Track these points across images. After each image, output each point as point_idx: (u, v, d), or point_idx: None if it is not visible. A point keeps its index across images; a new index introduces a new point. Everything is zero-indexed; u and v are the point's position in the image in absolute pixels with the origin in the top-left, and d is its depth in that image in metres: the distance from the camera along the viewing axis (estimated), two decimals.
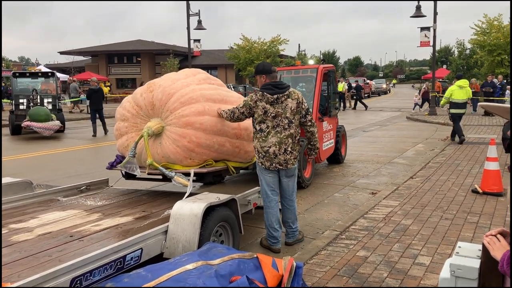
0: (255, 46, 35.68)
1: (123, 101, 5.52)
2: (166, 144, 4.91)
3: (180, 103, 4.88)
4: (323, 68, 8.36)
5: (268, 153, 4.58)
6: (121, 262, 3.07)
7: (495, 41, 26.52)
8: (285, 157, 4.60)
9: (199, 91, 5.02)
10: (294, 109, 4.60)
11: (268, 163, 4.63)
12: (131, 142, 5.05)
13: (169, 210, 3.99)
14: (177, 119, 4.84)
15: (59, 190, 5.15)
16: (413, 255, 4.33)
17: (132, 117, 5.17)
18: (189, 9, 27.04)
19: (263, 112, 4.57)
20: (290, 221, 4.89)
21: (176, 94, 4.95)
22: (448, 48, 65.51)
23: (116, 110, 5.50)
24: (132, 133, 5.16)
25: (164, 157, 4.95)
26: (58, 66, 44.68)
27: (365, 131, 15.83)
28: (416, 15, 22.78)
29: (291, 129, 4.60)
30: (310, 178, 7.65)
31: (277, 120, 4.57)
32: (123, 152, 5.32)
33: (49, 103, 16.07)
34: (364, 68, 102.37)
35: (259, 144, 4.63)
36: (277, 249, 4.71)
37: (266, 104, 4.57)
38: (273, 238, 4.73)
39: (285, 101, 4.57)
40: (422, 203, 6.14)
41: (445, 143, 12.07)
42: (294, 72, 8.84)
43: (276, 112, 4.56)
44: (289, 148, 4.61)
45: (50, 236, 3.53)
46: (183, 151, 4.86)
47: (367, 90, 43.14)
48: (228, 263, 2.94)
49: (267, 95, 4.56)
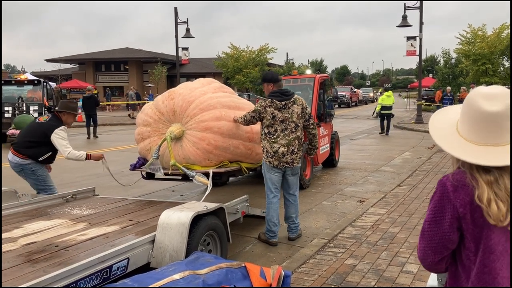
0: (243, 54, 35.76)
1: (144, 108, 6.08)
2: (187, 147, 5.47)
3: (200, 110, 5.44)
4: (319, 77, 9.02)
5: (277, 153, 4.96)
6: (107, 272, 3.03)
7: (480, 50, 26.93)
8: (292, 157, 5.01)
9: (216, 99, 5.57)
10: (299, 114, 5.04)
11: (276, 162, 4.99)
12: (154, 145, 5.58)
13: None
14: (197, 124, 5.42)
15: (44, 199, 5.08)
16: (400, 263, 4.35)
17: (154, 122, 5.71)
18: (177, 17, 27.06)
19: (271, 117, 4.98)
20: (294, 216, 5.23)
21: (195, 101, 5.51)
22: (434, 57, 66.31)
23: (138, 116, 6.05)
24: (155, 137, 5.69)
25: (184, 158, 5.49)
26: (44, 74, 44.21)
27: (352, 139, 15.92)
28: (403, 25, 23.07)
29: (297, 132, 5.04)
30: (309, 179, 8.19)
31: (285, 124, 4.98)
32: (145, 154, 5.85)
33: (35, 111, 15.88)
34: (351, 77, 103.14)
35: (269, 144, 5.00)
36: (275, 242, 5.12)
37: (274, 110, 4.98)
38: (271, 232, 5.11)
39: (292, 107, 5.00)
40: (410, 211, 6.18)
41: (431, 151, 12.19)
42: (293, 81, 9.52)
43: (284, 117, 4.97)
44: (295, 149, 5.03)
45: (34, 246, 3.47)
46: (203, 153, 5.43)
47: (354, 98, 43.46)
48: (215, 272, 2.91)
49: (276, 102, 4.98)
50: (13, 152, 5.40)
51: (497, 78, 27.39)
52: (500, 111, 1.54)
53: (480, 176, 1.56)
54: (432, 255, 1.67)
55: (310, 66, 52.65)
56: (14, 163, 5.39)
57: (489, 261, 1.56)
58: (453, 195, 1.60)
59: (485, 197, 1.52)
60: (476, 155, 1.55)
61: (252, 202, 5.47)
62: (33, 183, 5.49)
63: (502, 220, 1.51)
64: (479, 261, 1.58)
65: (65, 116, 5.53)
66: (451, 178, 1.62)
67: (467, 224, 1.58)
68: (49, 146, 5.36)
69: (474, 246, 1.60)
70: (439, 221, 1.63)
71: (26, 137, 5.48)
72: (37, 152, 5.35)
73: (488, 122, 1.55)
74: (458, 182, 1.60)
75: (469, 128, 1.60)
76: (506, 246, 1.55)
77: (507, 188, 1.53)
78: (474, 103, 1.57)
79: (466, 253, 1.63)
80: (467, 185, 1.58)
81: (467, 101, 1.62)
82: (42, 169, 5.48)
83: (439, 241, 1.64)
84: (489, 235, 1.56)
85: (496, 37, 26.90)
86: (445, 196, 1.62)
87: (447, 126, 1.70)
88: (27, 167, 5.37)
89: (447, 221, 1.61)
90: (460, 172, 1.62)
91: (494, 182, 1.54)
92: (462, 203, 1.58)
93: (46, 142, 5.32)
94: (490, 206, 1.51)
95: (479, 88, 1.63)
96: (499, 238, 1.55)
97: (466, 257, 1.63)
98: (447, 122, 1.72)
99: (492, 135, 1.56)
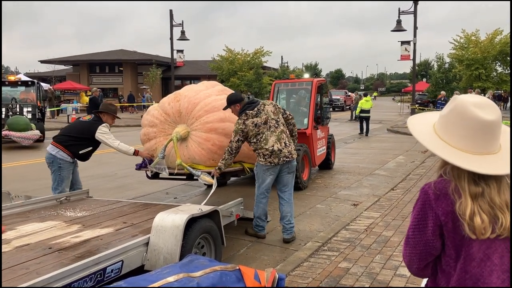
0: (238, 57, 35.79)
1: (149, 109, 6.28)
2: (192, 147, 5.68)
3: (205, 111, 5.68)
4: (317, 81, 9.16)
5: (274, 151, 5.12)
6: (101, 275, 3.03)
7: (473, 55, 27.15)
8: (288, 149, 5.20)
9: (220, 101, 5.72)
10: (274, 111, 5.31)
11: (276, 159, 5.14)
12: (160, 146, 5.77)
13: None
14: (202, 125, 5.65)
15: (38, 201, 5.05)
16: (394, 266, 4.36)
17: (160, 123, 5.90)
18: (172, 20, 27.07)
19: (254, 125, 5.15)
20: (289, 215, 5.30)
21: (200, 103, 5.74)
22: (427, 62, 66.71)
23: (143, 117, 6.23)
24: (161, 137, 5.88)
25: (189, 158, 5.69)
26: (38, 75, 43.97)
27: (346, 143, 15.96)
28: (397, 30, 23.23)
29: (280, 126, 5.27)
30: (307, 180, 8.39)
31: (268, 124, 5.20)
32: (151, 154, 5.99)
33: (29, 112, 15.82)
34: (345, 81, 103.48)
35: (262, 148, 5.15)
36: (263, 235, 5.38)
37: (253, 118, 5.17)
38: (259, 227, 5.36)
39: (265, 108, 5.25)
40: (403, 215, 6.21)
41: (425, 155, 12.26)
42: (291, 84, 9.77)
43: (263, 119, 5.19)
44: (287, 141, 5.23)
45: (28, 248, 3.46)
46: (207, 153, 5.64)
47: (348, 102, 43.60)
48: (210, 275, 2.91)
49: (249, 112, 5.19)
50: (53, 143, 5.69)
51: (490, 83, 27.64)
52: (495, 120, 1.55)
53: (468, 188, 1.55)
54: (418, 261, 1.69)
55: (305, 69, 52.78)
56: (49, 153, 5.65)
57: (470, 268, 1.58)
58: (435, 203, 1.61)
59: (468, 211, 1.52)
60: (477, 165, 1.54)
61: (247, 205, 5.47)
62: (54, 179, 5.69)
63: (484, 233, 1.53)
64: (460, 267, 1.60)
65: (105, 117, 5.83)
66: (433, 186, 1.63)
67: (448, 232, 1.60)
68: (90, 142, 5.68)
69: (454, 253, 1.61)
70: (422, 229, 1.64)
71: (69, 132, 5.82)
72: (78, 145, 5.64)
73: (485, 131, 1.55)
74: (440, 191, 1.61)
75: (464, 138, 1.58)
76: (487, 252, 1.57)
77: (492, 200, 1.54)
78: (469, 113, 1.55)
79: (446, 259, 1.64)
80: (449, 194, 1.59)
81: (457, 111, 1.59)
82: (68, 171, 5.70)
83: (423, 248, 1.65)
84: (471, 243, 1.57)
85: (489, 42, 27.15)
86: (427, 204, 1.63)
87: (434, 138, 1.65)
88: (57, 161, 5.61)
89: (429, 228, 1.62)
90: (442, 181, 1.63)
91: (480, 194, 1.54)
92: (444, 212, 1.59)
93: (87, 138, 5.64)
94: (473, 220, 1.52)
95: (465, 98, 1.60)
96: (480, 245, 1.57)
97: (446, 263, 1.65)
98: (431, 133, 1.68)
99: (488, 144, 1.57)
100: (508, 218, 1.53)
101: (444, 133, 1.63)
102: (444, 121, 1.64)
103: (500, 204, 1.54)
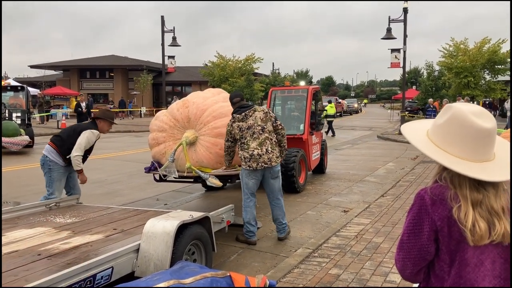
0: (229, 64, 35.85)
1: (158, 115, 6.54)
2: (200, 151, 5.98)
3: (213, 117, 6.00)
4: (312, 89, 9.52)
5: (253, 155, 5.28)
6: (91, 281, 3.00)
7: (462, 63, 27.45)
8: (268, 156, 5.31)
9: (227, 107, 5.95)
10: (263, 118, 5.41)
11: (255, 164, 5.28)
12: (169, 150, 6.08)
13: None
14: (210, 130, 5.96)
15: (26, 207, 5.00)
16: (384, 273, 4.38)
17: (169, 128, 6.19)
18: (163, 26, 27.08)
19: (239, 129, 5.35)
20: (280, 217, 5.56)
21: (208, 109, 6.05)
22: (417, 69, 67.34)
23: (151, 123, 6.49)
24: (170, 142, 6.16)
25: (197, 162, 5.99)
26: (28, 80, 43.64)
27: (337, 150, 16.03)
28: (387, 37, 23.45)
29: (265, 133, 5.37)
30: (304, 184, 8.67)
31: (252, 129, 5.34)
32: (159, 158, 6.28)
33: (18, 118, 15.69)
34: (336, 88, 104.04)
35: (244, 151, 5.33)
36: (254, 241, 5.43)
37: (238, 122, 5.37)
38: (250, 232, 5.43)
39: (253, 114, 5.40)
40: (393, 221, 6.24)
41: (415, 162, 12.35)
42: (287, 91, 10.09)
43: (248, 125, 5.35)
44: (269, 148, 5.34)
45: (16, 254, 3.42)
46: (215, 157, 5.94)
47: (339, 109, 43.85)
48: (200, 282, 2.91)
49: (236, 116, 5.40)
50: (49, 143, 5.71)
51: (479, 90, 27.93)
52: (493, 127, 1.58)
53: (469, 195, 1.56)
54: (411, 266, 1.70)
55: (296, 76, 52.98)
56: (43, 154, 5.71)
57: (465, 273, 1.60)
58: (431, 208, 1.62)
59: (470, 218, 1.54)
60: (480, 172, 1.55)
61: (238, 211, 5.47)
62: (45, 179, 5.68)
63: (484, 239, 1.54)
64: (455, 273, 1.62)
65: (101, 123, 5.79)
66: (429, 191, 1.64)
67: (443, 237, 1.62)
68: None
69: (449, 258, 1.63)
70: (418, 234, 1.65)
71: (62, 133, 5.89)
72: (68, 148, 5.57)
73: (484, 139, 1.57)
74: (437, 196, 1.62)
75: (464, 146, 1.58)
76: (481, 258, 1.59)
77: (491, 206, 1.56)
78: (469, 121, 1.56)
79: (440, 264, 1.66)
80: (446, 200, 1.60)
81: (456, 120, 1.59)
82: (59, 174, 5.66)
83: (418, 252, 1.66)
84: (465, 249, 1.59)
85: (477, 51, 27.45)
86: (423, 209, 1.64)
87: (434, 147, 1.66)
88: (47, 163, 5.61)
89: (425, 233, 1.64)
90: (438, 187, 1.64)
91: (480, 201, 1.56)
92: (440, 217, 1.60)
93: (76, 140, 5.56)
94: (474, 227, 1.53)
95: (462, 106, 1.60)
96: (474, 251, 1.59)
97: (440, 268, 1.66)
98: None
99: (486, 151, 1.59)
100: (503, 224, 1.55)
101: (442, 142, 1.63)
102: (441, 130, 1.64)
103: (497, 210, 1.56)
